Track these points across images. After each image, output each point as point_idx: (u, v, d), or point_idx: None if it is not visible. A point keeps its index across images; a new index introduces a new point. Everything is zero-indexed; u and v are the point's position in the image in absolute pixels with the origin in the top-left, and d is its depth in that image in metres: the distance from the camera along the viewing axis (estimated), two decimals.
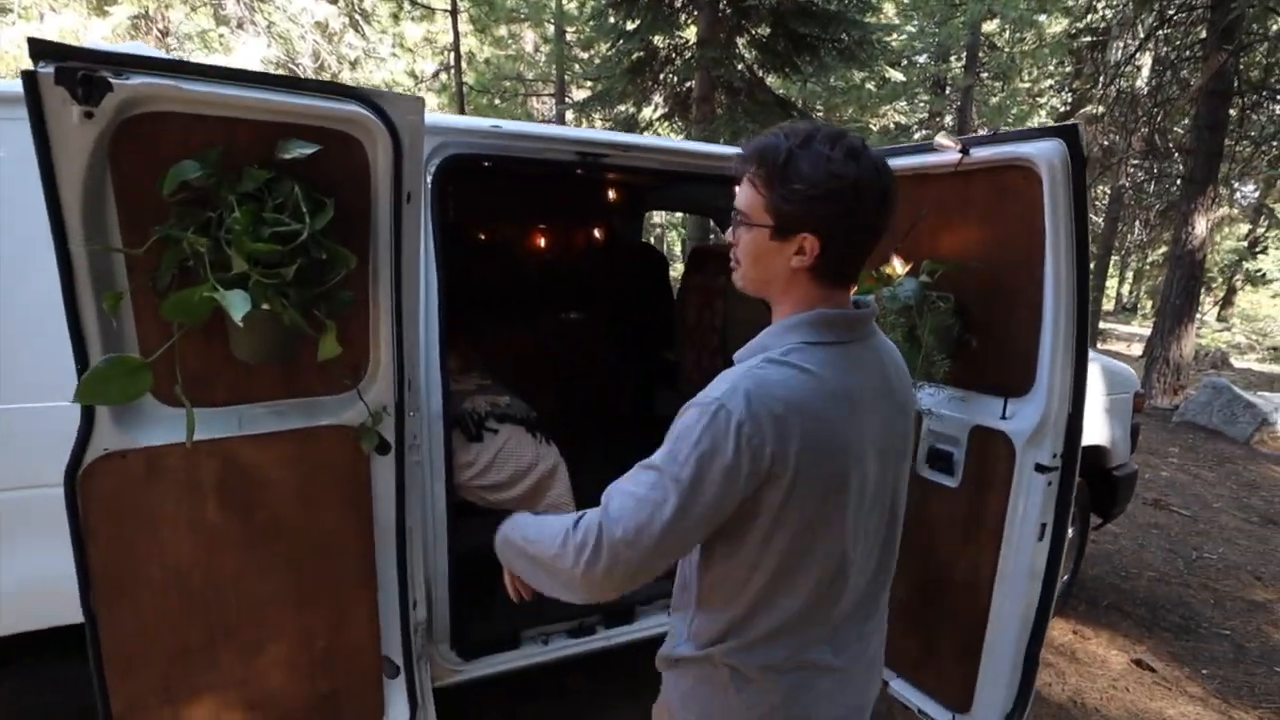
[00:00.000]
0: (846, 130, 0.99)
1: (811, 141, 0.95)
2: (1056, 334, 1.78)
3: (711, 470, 0.91)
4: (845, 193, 0.93)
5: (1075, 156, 1.65)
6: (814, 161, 0.93)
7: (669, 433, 0.98)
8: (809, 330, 1.00)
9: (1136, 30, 11.60)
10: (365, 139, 1.53)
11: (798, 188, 0.94)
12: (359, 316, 1.67)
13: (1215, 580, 4.37)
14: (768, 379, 0.94)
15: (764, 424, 0.90)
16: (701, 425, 0.92)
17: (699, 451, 0.91)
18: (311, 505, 1.68)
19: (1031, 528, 1.90)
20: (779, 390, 0.92)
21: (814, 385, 0.95)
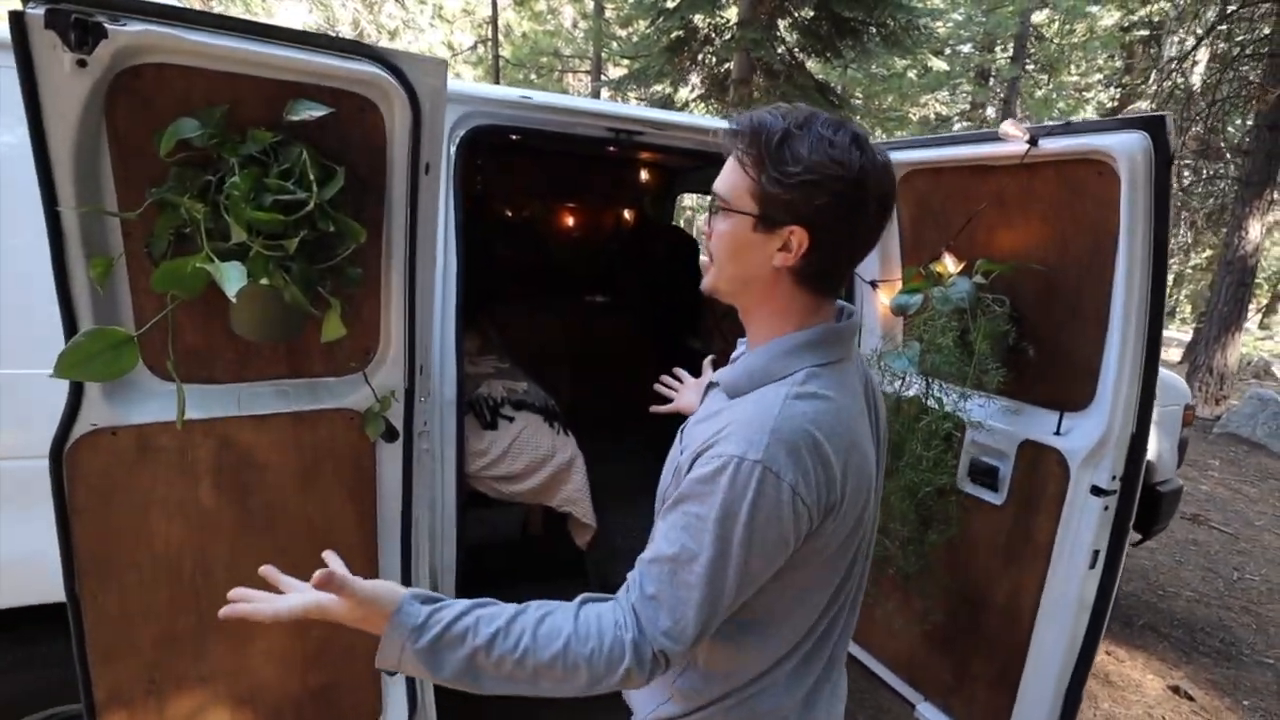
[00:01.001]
0: (849, 119, 0.86)
1: (812, 123, 0.82)
2: (1125, 346, 1.62)
3: (766, 546, 0.79)
4: (846, 182, 0.81)
5: (1160, 151, 1.48)
6: (814, 143, 0.81)
7: (685, 492, 0.82)
8: (820, 351, 0.88)
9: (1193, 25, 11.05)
10: (382, 103, 1.41)
11: (791, 170, 0.81)
12: (369, 295, 1.57)
13: (1258, 604, 4.17)
14: (803, 420, 0.80)
15: (815, 479, 0.79)
16: (748, 497, 0.77)
17: (746, 530, 0.78)
18: (311, 492, 1.59)
19: (1083, 554, 1.75)
20: (821, 431, 0.80)
21: (843, 414, 0.85)
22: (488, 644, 0.79)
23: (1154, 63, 13.20)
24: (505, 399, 2.24)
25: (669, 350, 4.27)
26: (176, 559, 1.48)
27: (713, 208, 0.92)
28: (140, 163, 1.27)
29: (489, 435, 2.12)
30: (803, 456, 0.78)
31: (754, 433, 0.79)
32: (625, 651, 0.79)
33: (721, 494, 0.78)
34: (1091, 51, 16.04)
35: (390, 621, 0.81)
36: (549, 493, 2.22)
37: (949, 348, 1.70)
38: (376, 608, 0.82)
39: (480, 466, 2.09)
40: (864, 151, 0.82)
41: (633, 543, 2.68)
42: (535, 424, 2.21)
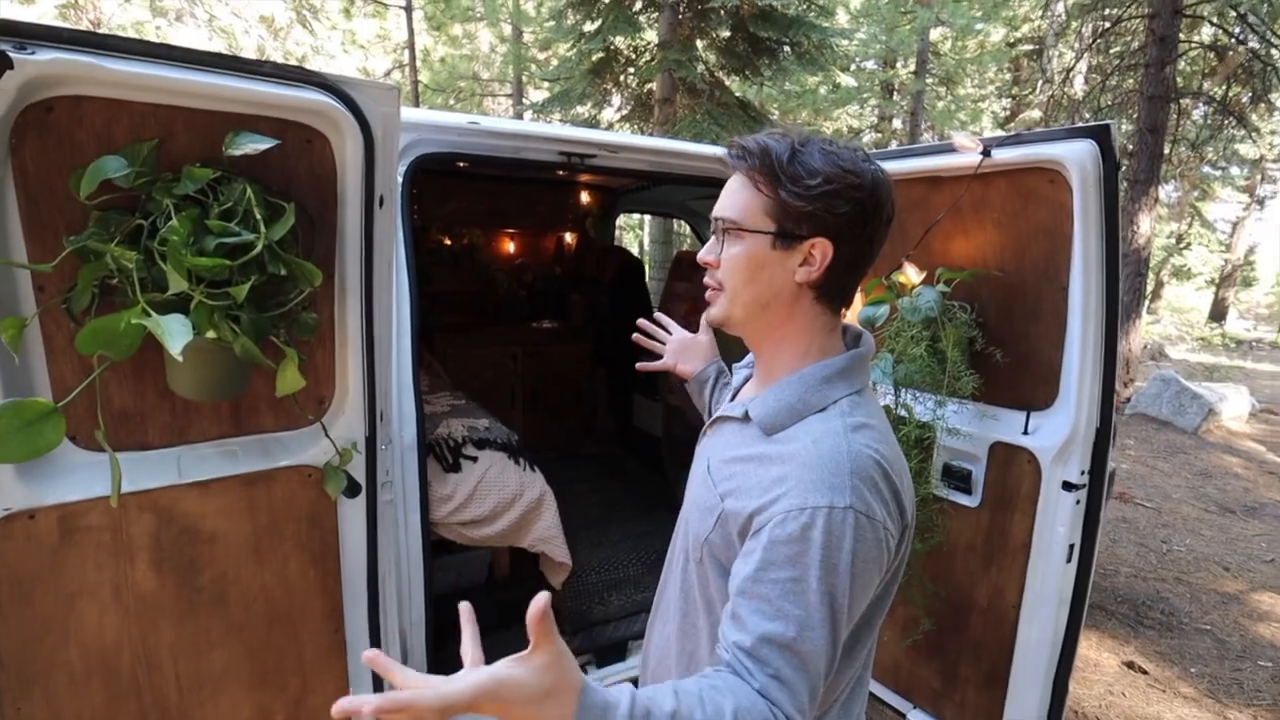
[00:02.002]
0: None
1: (814, 140, 0.84)
2: (1085, 345, 1.67)
3: (869, 588, 0.78)
4: (863, 190, 0.82)
5: (1108, 158, 1.54)
6: (824, 156, 0.82)
7: (770, 558, 0.75)
8: (852, 377, 0.87)
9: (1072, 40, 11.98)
10: (331, 133, 1.30)
11: (809, 182, 0.81)
12: (322, 340, 1.44)
13: (1188, 573, 4.43)
14: (871, 454, 0.79)
15: (893, 509, 0.79)
16: (846, 545, 0.73)
17: (849, 578, 0.74)
18: (267, 561, 1.44)
19: (1059, 549, 1.79)
20: (885, 460, 0.80)
21: (890, 438, 0.85)
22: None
23: (1040, 74, 14.22)
24: (466, 438, 2.12)
25: (623, 373, 4.21)
26: (113, 653, 1.30)
27: (719, 231, 0.88)
28: (53, 208, 1.12)
29: (452, 478, 2.00)
30: (881, 491, 0.77)
31: (832, 476, 0.75)
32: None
33: (818, 550, 0.73)
34: (984, 65, 17.12)
35: (584, 696, 0.64)
36: (520, 533, 2.10)
37: (922, 357, 1.72)
38: (566, 678, 0.63)
39: (446, 512, 1.96)
40: (870, 161, 0.84)
41: (606, 577, 2.58)
42: (500, 462, 2.10)
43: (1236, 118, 9.03)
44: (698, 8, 8.88)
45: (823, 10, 9.74)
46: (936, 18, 14.18)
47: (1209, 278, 19.98)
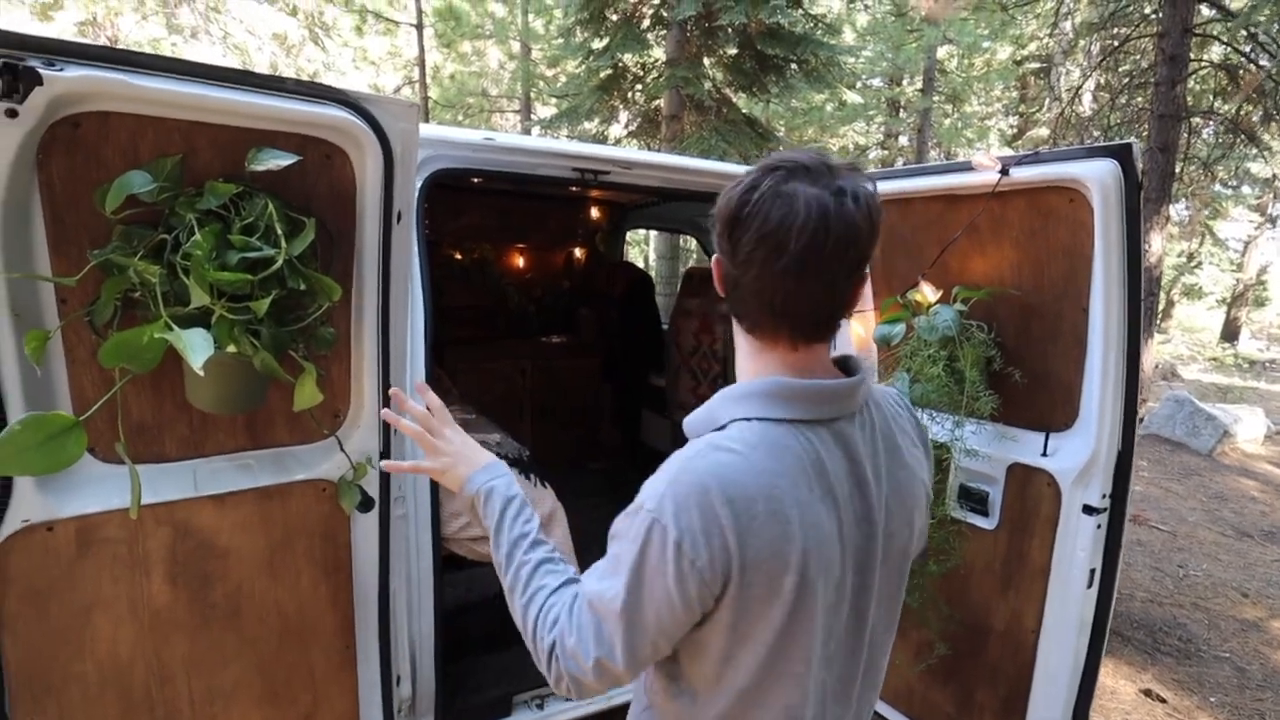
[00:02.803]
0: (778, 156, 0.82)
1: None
2: (1106, 367, 1.65)
3: (656, 598, 0.77)
4: (730, 204, 0.81)
5: (1129, 178, 1.53)
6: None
7: (613, 530, 0.84)
8: (761, 403, 0.81)
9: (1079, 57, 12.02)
10: (351, 149, 1.31)
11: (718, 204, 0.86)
12: (339, 354, 1.45)
13: (1205, 599, 4.35)
14: (703, 474, 0.76)
15: (707, 537, 0.74)
16: (638, 547, 0.77)
17: (639, 577, 0.77)
18: (281, 576, 1.43)
19: (1080, 574, 1.76)
20: (719, 485, 0.75)
21: (758, 473, 0.76)
22: (530, 567, 0.92)
23: (1048, 92, 14.25)
24: None
25: (631, 388, 4.21)
26: (127, 667, 1.29)
27: None
28: (78, 222, 1.13)
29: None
30: (692, 512, 0.74)
31: (660, 482, 0.78)
32: (551, 647, 0.83)
33: (632, 540, 0.78)
34: (991, 83, 17.19)
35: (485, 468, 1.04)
36: None
37: (940, 376, 1.70)
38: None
39: (457, 528, 1.95)
40: (777, 178, 0.77)
41: None
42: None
43: (1248, 136, 9.02)
44: (706, 26, 8.96)
45: (830, 28, 9.82)
46: (943, 35, 14.27)
47: (1220, 297, 19.86)
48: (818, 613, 0.80)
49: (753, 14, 8.22)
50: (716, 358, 2.86)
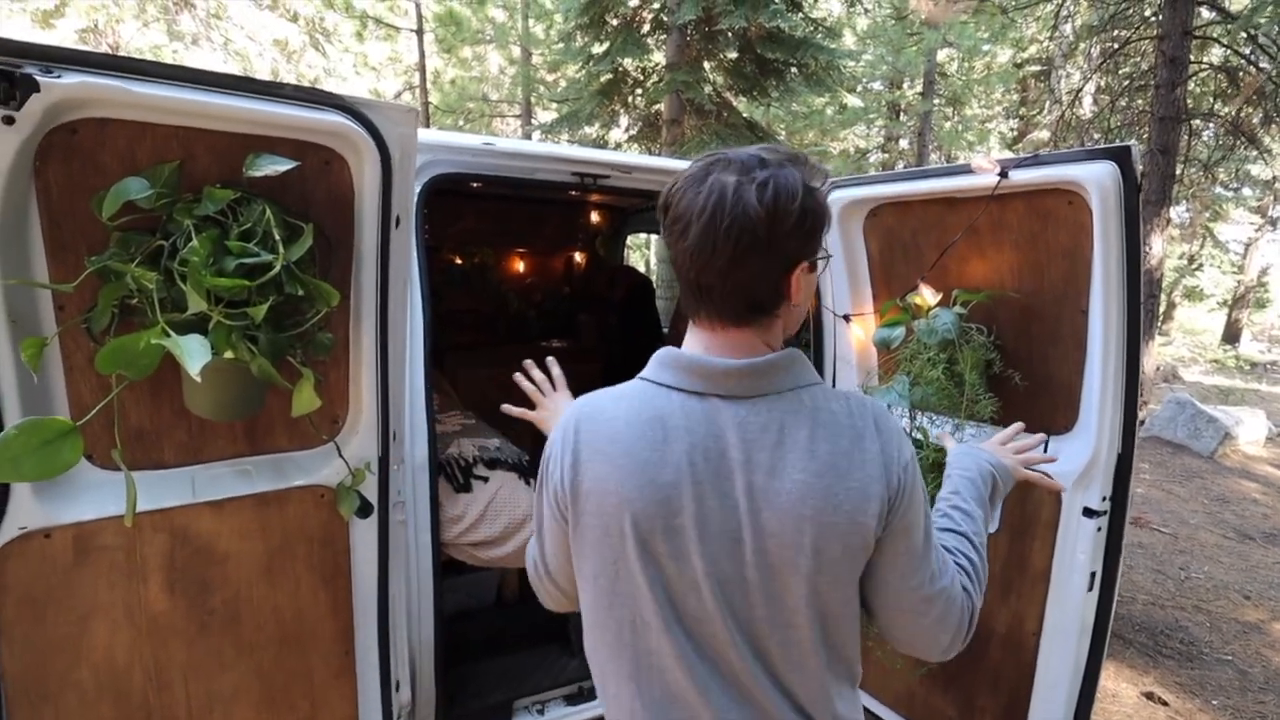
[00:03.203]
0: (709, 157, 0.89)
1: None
2: (1106, 369, 1.65)
3: (540, 504, 0.96)
4: (661, 197, 0.91)
5: (1128, 180, 1.53)
6: None
7: None
8: (654, 367, 0.92)
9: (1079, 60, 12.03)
10: (349, 154, 1.31)
11: None
12: (338, 360, 1.44)
13: (1207, 601, 4.34)
14: (577, 408, 0.92)
15: (557, 460, 0.90)
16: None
17: (538, 492, 0.97)
18: (279, 582, 1.43)
19: (1080, 577, 1.75)
20: (579, 422, 0.89)
21: (608, 422, 0.87)
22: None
23: (1050, 95, 14.26)
24: (477, 458, 2.11)
25: None
26: (124, 673, 1.29)
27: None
28: (75, 229, 1.13)
29: (463, 498, 1.98)
30: (560, 433, 0.91)
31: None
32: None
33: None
34: (991, 86, 17.22)
35: None
36: None
37: (939, 379, 1.70)
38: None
39: (456, 533, 1.94)
40: (678, 177, 0.87)
41: None
42: (511, 483, 2.09)
43: (1248, 139, 9.02)
44: (706, 30, 8.97)
45: (830, 32, 9.83)
46: (944, 39, 14.28)
47: (1221, 299, 19.84)
48: (652, 568, 0.84)
49: (753, 18, 8.23)
50: None
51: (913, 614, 0.91)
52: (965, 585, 0.94)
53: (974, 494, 1.10)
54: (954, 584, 0.92)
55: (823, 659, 0.88)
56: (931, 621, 0.91)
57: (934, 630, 0.91)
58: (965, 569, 0.96)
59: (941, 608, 0.90)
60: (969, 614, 0.93)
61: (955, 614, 0.91)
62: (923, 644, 0.94)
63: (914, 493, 0.88)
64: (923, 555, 0.89)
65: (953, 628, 0.91)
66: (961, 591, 0.92)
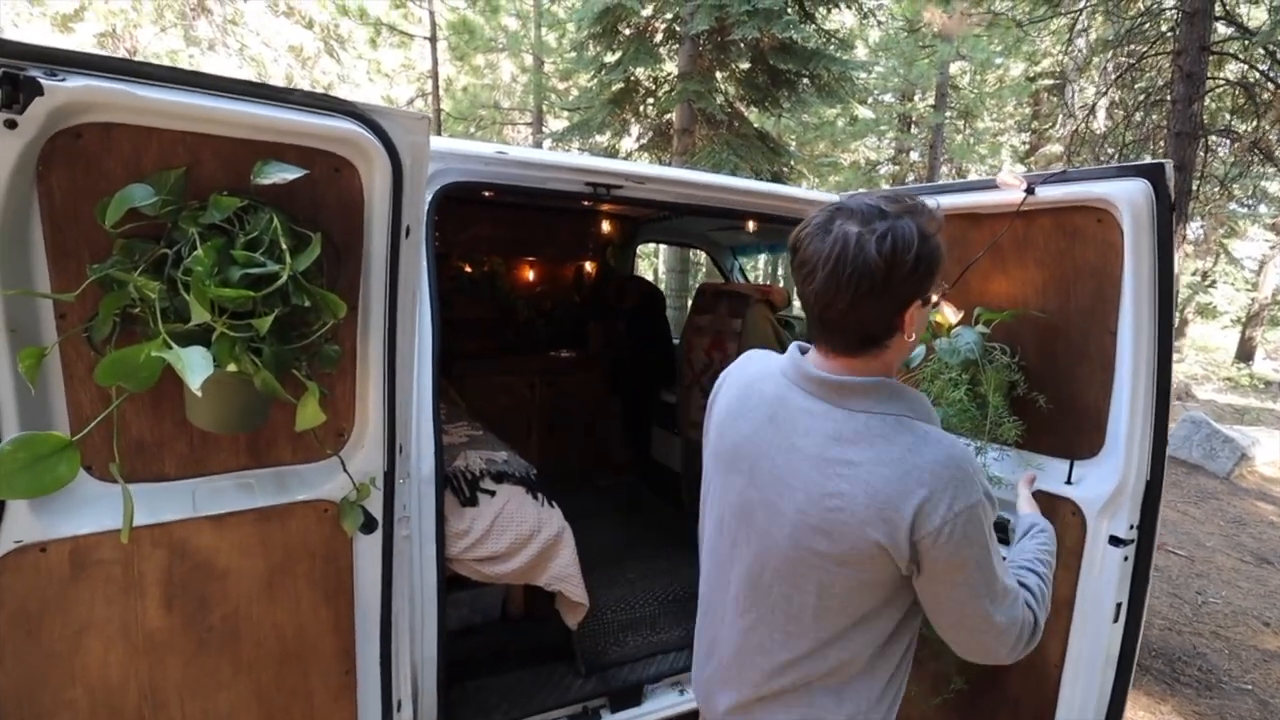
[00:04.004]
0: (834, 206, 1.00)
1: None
2: (1136, 392, 1.59)
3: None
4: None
5: (1161, 198, 1.48)
6: None
7: None
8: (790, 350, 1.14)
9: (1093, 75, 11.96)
10: (360, 162, 1.28)
11: None
12: (344, 372, 1.41)
13: (1225, 627, 4.24)
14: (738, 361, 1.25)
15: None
16: None
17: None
18: (280, 599, 1.39)
19: (1105, 608, 1.69)
20: (727, 374, 1.23)
21: (736, 383, 1.18)
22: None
23: (1062, 109, 14.19)
24: (485, 471, 2.07)
25: (642, 404, 4.16)
26: (119, 691, 1.25)
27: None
28: (78, 236, 1.10)
29: (469, 513, 1.94)
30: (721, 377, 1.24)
31: None
32: None
33: None
34: (1003, 100, 17.16)
35: None
36: (536, 571, 2.04)
37: (962, 400, 1.65)
38: None
39: (462, 548, 1.90)
40: (804, 224, 0.99)
41: (622, 616, 2.50)
42: (518, 497, 2.05)
43: (1265, 156, 8.92)
44: (718, 40, 8.97)
45: (842, 44, 9.81)
46: (956, 51, 14.25)
47: (1235, 316, 19.63)
48: (717, 498, 1.15)
49: (765, 29, 8.22)
50: None
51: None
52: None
53: (1049, 562, 1.29)
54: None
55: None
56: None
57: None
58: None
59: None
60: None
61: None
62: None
63: (938, 560, 0.95)
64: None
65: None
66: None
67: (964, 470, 0.93)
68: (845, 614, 1.01)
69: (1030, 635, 1.05)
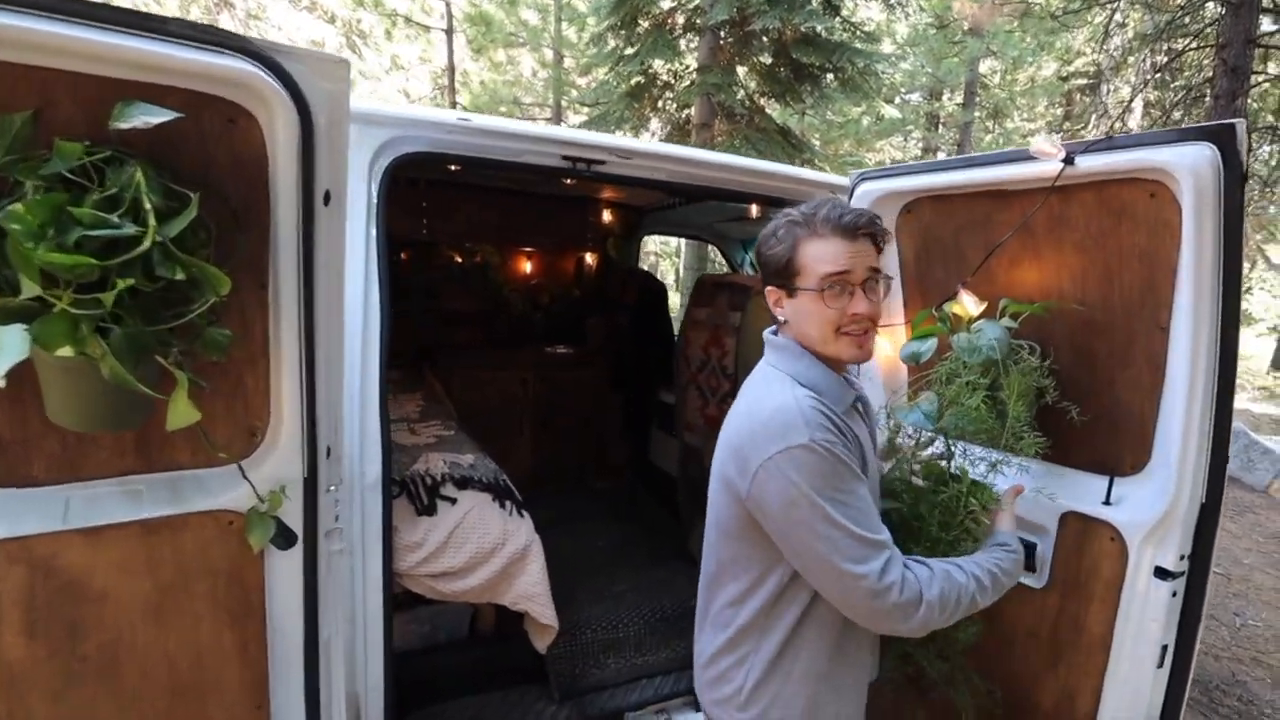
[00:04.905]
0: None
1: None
2: (1192, 397, 1.34)
3: None
4: None
5: (1231, 167, 1.22)
6: None
7: None
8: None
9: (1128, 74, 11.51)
10: (260, 111, 1.08)
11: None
12: (253, 361, 1.21)
13: (1266, 653, 3.93)
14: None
15: None
16: None
17: None
18: (172, 625, 1.19)
19: (1149, 650, 1.44)
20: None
21: None
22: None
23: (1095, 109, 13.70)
24: (446, 475, 1.87)
25: (640, 404, 3.94)
26: None
27: (879, 282, 1.15)
28: None
29: (425, 523, 1.74)
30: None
31: None
32: None
33: None
34: (1035, 98, 16.69)
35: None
36: (500, 589, 1.83)
37: (979, 409, 1.40)
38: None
39: (414, 562, 1.70)
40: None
41: (603, 635, 2.28)
42: (482, 505, 1.84)
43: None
44: (739, 32, 8.71)
45: (868, 37, 9.49)
46: (987, 48, 13.83)
47: (1271, 324, 18.90)
48: None
49: (787, 19, 7.94)
50: (726, 374, 2.57)
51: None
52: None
53: (995, 575, 1.20)
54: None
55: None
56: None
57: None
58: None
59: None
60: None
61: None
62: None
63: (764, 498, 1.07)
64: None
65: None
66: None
67: (789, 417, 1.06)
68: (728, 549, 1.18)
69: (902, 609, 1.04)
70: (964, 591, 1.11)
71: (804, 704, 1.17)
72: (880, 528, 1.09)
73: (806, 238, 1.12)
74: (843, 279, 1.11)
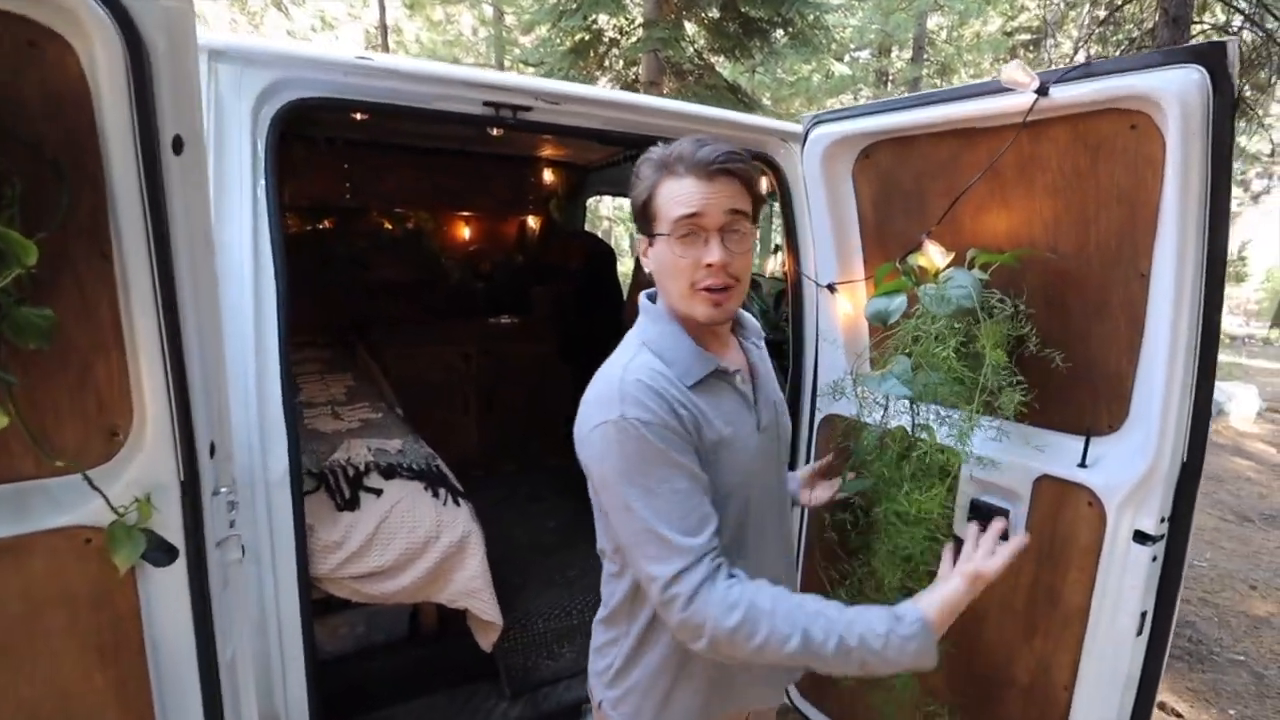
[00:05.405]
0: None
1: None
2: (1174, 350, 1.24)
3: None
4: None
5: (1222, 93, 1.10)
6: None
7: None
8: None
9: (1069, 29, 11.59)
10: (75, 37, 0.85)
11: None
12: (106, 347, 1.00)
13: (1213, 593, 4.07)
14: None
15: None
16: None
17: None
18: (23, 666, 1.00)
19: (1128, 618, 1.37)
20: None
21: None
22: None
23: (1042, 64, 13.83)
24: (371, 464, 1.68)
25: (591, 375, 3.76)
26: None
27: (735, 228, 1.00)
28: None
29: (346, 519, 1.55)
30: None
31: None
32: None
33: None
34: (981, 54, 16.80)
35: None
36: (435, 587, 1.66)
37: (949, 359, 1.28)
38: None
39: (335, 564, 1.52)
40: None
41: (556, 624, 2.14)
42: (412, 495, 1.66)
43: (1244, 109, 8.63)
44: None
45: None
46: (935, 1, 13.76)
47: None
48: None
49: None
50: None
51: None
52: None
53: (853, 652, 0.93)
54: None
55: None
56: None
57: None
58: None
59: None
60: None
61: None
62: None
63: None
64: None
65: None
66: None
67: (609, 389, 0.98)
68: (601, 522, 1.11)
69: (687, 628, 0.92)
70: (784, 642, 0.90)
71: (659, 697, 1.11)
72: (694, 527, 0.93)
73: (663, 178, 1.00)
74: (693, 222, 0.97)
